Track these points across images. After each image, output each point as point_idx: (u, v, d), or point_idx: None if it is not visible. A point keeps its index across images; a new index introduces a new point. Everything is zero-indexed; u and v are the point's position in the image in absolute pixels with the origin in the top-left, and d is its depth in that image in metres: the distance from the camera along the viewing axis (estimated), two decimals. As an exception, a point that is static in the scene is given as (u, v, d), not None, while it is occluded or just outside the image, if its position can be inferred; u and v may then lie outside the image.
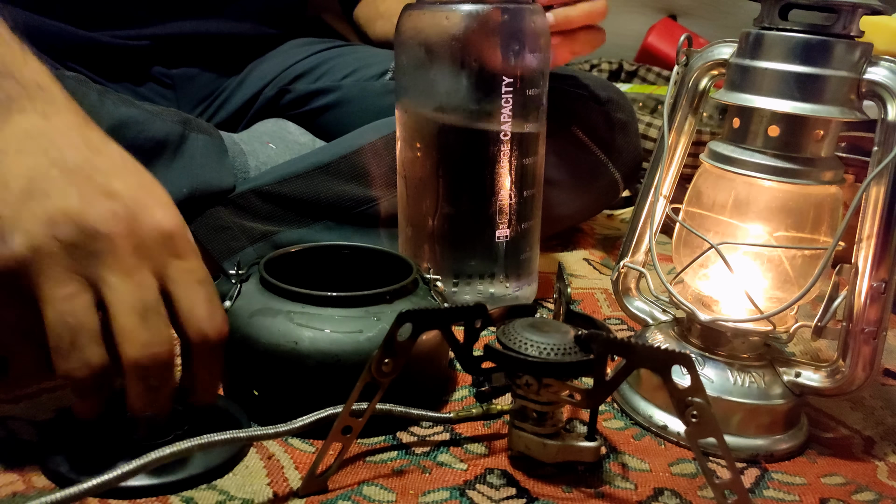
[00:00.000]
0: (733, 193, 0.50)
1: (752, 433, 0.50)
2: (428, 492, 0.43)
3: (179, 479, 0.42)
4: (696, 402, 0.38)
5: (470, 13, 0.57)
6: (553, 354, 0.42)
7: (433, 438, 0.49)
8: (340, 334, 0.46)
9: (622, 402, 0.54)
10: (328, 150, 0.71)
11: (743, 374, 0.50)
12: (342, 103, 0.87)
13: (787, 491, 0.46)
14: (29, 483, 0.41)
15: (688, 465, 0.48)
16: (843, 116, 0.46)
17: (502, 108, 0.59)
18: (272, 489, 0.42)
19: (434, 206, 0.63)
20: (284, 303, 0.48)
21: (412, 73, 0.61)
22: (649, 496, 0.44)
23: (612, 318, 0.71)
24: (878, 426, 0.55)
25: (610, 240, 0.95)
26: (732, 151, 0.49)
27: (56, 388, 0.50)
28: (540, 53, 0.60)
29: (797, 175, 0.48)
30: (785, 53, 0.46)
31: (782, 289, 0.50)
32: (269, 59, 0.92)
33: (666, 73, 1.40)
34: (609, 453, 0.49)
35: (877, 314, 0.47)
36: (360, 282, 0.53)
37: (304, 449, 0.46)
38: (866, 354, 0.47)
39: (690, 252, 0.52)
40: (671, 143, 0.55)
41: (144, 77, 0.84)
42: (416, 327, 0.42)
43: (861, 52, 0.46)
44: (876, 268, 0.47)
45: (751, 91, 0.48)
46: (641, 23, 1.59)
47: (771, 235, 0.49)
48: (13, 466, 0.42)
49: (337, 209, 0.68)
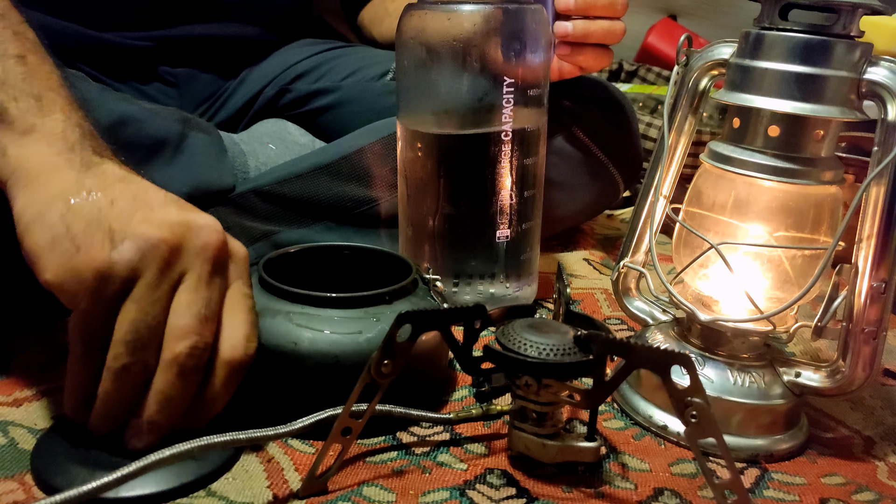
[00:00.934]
0: (733, 193, 0.50)
1: (751, 433, 0.50)
2: (428, 492, 0.43)
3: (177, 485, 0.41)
4: (696, 402, 0.38)
5: (472, 13, 0.57)
6: (552, 355, 0.42)
7: (433, 439, 0.49)
8: (340, 335, 0.46)
9: (622, 402, 0.54)
10: (328, 151, 0.71)
11: (743, 374, 0.50)
12: (342, 104, 0.87)
13: (787, 491, 0.46)
14: (29, 492, 0.41)
15: (688, 465, 0.48)
16: (843, 116, 0.46)
17: (503, 108, 0.59)
18: (272, 491, 0.42)
19: (434, 207, 0.63)
20: (284, 303, 0.48)
21: (413, 73, 0.61)
22: (649, 496, 0.44)
23: (612, 318, 0.71)
24: (878, 426, 0.55)
25: (610, 240, 0.95)
26: (732, 151, 0.49)
27: (56, 392, 0.50)
28: (541, 54, 0.60)
29: (797, 175, 0.48)
30: (785, 53, 0.46)
31: (782, 289, 0.50)
32: (270, 59, 0.92)
33: (666, 73, 1.40)
34: (609, 453, 0.49)
35: (877, 314, 0.47)
36: (359, 282, 0.53)
37: (303, 450, 0.46)
38: (866, 354, 0.47)
39: (690, 252, 0.52)
40: (671, 143, 0.55)
41: (151, 76, 0.84)
42: (416, 328, 0.42)
43: (861, 52, 0.46)
44: (876, 268, 0.47)
45: (751, 91, 0.48)
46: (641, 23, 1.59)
47: (771, 235, 0.49)
48: (13, 474, 0.42)
49: (337, 210, 0.68)
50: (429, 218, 0.63)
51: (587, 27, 0.66)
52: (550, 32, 0.63)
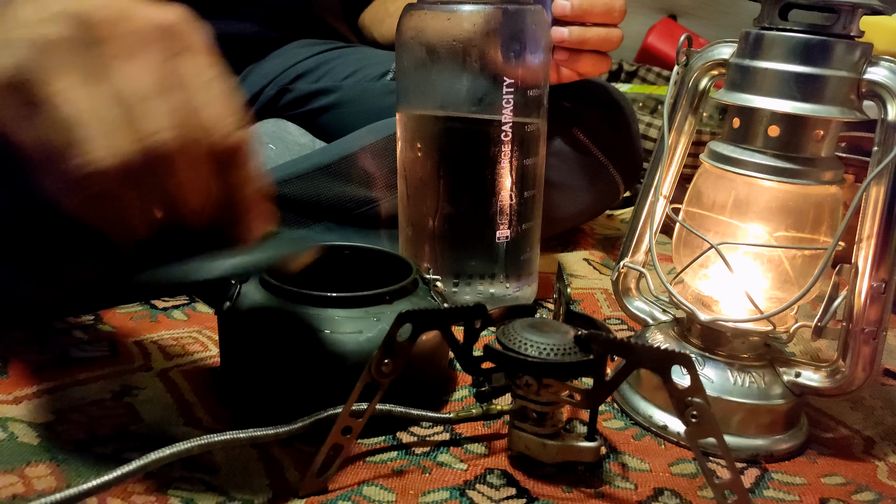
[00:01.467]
0: (733, 193, 0.50)
1: (752, 433, 0.50)
2: (428, 492, 0.43)
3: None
4: (696, 402, 0.38)
5: (471, 13, 0.57)
6: (553, 355, 0.42)
7: (433, 438, 0.49)
8: (340, 335, 0.47)
9: (622, 402, 0.54)
10: (329, 151, 0.71)
11: (743, 375, 0.50)
12: (342, 104, 0.87)
13: (787, 491, 0.46)
14: (29, 485, 0.41)
15: (688, 465, 0.48)
16: (843, 116, 0.46)
17: (503, 108, 0.59)
18: (272, 490, 0.42)
19: (435, 207, 0.63)
20: (284, 304, 0.48)
21: (413, 73, 0.61)
22: (649, 496, 0.44)
23: (612, 318, 0.71)
24: (878, 426, 0.55)
25: (610, 240, 0.95)
26: (732, 151, 0.49)
27: (56, 390, 0.50)
28: (541, 55, 0.60)
29: (797, 175, 0.48)
30: (785, 53, 0.46)
31: (782, 289, 0.50)
32: (270, 59, 0.92)
33: (666, 74, 1.40)
34: (609, 453, 0.49)
35: (877, 314, 0.47)
36: (360, 282, 0.53)
37: (304, 449, 0.46)
38: (866, 354, 0.48)
39: (690, 252, 0.52)
40: (671, 143, 0.55)
41: None
42: (416, 328, 0.42)
43: (861, 53, 0.46)
44: (876, 268, 0.47)
45: (751, 91, 0.48)
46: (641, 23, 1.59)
47: (771, 235, 0.49)
48: (13, 468, 0.42)
49: (337, 210, 0.68)
50: (429, 218, 0.63)
51: (583, 34, 0.66)
52: (550, 34, 0.63)
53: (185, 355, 0.57)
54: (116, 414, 0.48)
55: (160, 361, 0.55)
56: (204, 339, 0.59)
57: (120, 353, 0.56)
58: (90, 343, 0.57)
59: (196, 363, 0.56)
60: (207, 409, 0.50)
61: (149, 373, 0.53)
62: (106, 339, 0.58)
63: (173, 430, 0.47)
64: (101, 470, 0.41)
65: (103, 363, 0.54)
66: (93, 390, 0.50)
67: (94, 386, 0.51)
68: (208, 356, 0.57)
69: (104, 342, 0.57)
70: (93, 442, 0.45)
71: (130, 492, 0.41)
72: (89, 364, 0.54)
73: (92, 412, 0.48)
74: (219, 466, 0.44)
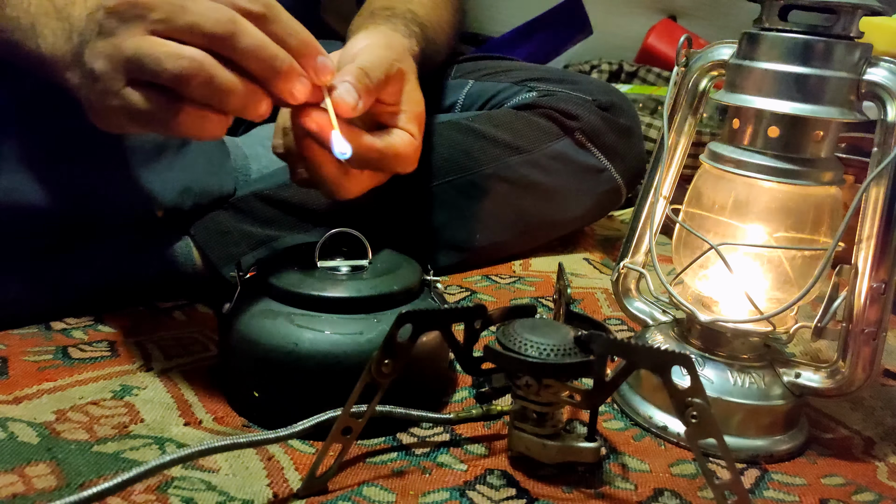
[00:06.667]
0: (733, 194, 0.50)
1: (752, 434, 0.50)
2: (428, 492, 0.43)
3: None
4: (696, 402, 0.38)
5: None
6: (553, 355, 0.42)
7: (433, 439, 0.49)
8: (340, 336, 0.46)
9: (622, 402, 0.54)
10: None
11: (743, 375, 0.50)
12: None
13: (787, 491, 0.46)
14: (29, 485, 0.41)
15: (688, 465, 0.48)
16: (842, 117, 0.46)
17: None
18: (272, 490, 0.42)
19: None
20: (284, 305, 0.48)
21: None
22: (649, 497, 0.44)
23: (612, 318, 0.71)
24: (878, 426, 0.55)
25: (610, 240, 0.95)
26: (732, 152, 0.49)
27: (56, 390, 0.50)
28: None
29: (797, 176, 0.48)
30: (785, 54, 0.46)
31: (782, 289, 0.50)
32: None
33: (666, 74, 1.40)
34: (609, 454, 0.49)
35: (877, 315, 0.47)
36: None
37: (304, 450, 0.46)
38: (866, 355, 0.48)
39: (690, 253, 0.52)
40: (671, 144, 0.55)
41: None
42: (416, 328, 0.42)
43: (861, 53, 0.46)
44: (876, 268, 0.47)
45: (751, 92, 0.48)
46: (641, 24, 1.59)
47: (771, 236, 0.49)
48: (13, 467, 0.42)
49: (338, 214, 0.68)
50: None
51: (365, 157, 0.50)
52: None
53: (185, 355, 0.57)
54: (116, 414, 0.48)
55: (160, 361, 0.55)
56: (204, 340, 0.59)
57: (120, 353, 0.56)
58: (90, 343, 0.57)
59: (196, 363, 0.56)
60: (207, 409, 0.50)
61: (149, 373, 0.53)
62: (106, 339, 0.58)
63: (173, 430, 0.47)
64: (102, 470, 0.41)
65: (103, 363, 0.54)
66: (93, 390, 0.50)
67: (94, 386, 0.51)
68: (208, 356, 0.57)
69: (104, 342, 0.57)
70: (93, 442, 0.45)
71: (130, 491, 0.41)
72: (89, 364, 0.54)
73: (92, 412, 0.48)
74: (219, 466, 0.44)
